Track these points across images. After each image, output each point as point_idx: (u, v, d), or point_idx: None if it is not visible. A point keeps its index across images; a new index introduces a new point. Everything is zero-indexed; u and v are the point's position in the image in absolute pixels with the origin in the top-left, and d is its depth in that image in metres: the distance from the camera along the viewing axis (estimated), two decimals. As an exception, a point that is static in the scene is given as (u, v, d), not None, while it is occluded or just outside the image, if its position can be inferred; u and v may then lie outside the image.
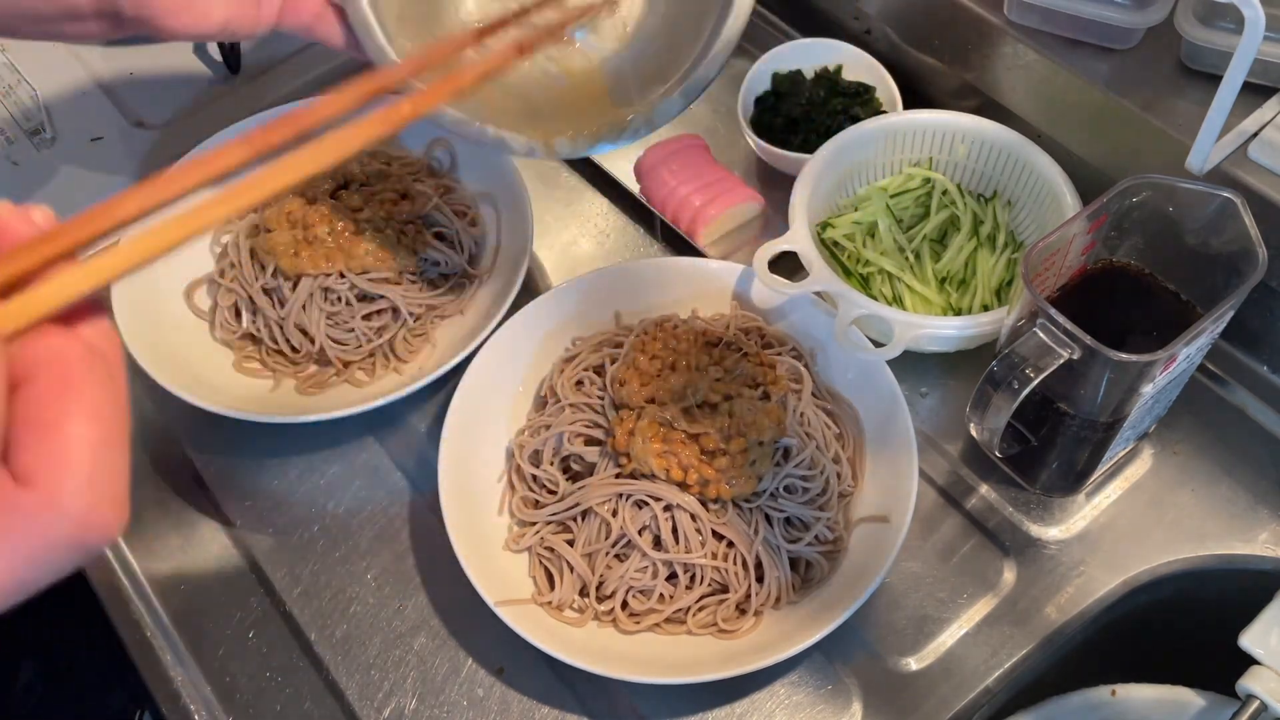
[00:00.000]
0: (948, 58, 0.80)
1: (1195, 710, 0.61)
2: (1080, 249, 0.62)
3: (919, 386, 0.74)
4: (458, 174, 0.84)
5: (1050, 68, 0.72)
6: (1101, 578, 0.65)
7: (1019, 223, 0.77)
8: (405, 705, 0.64)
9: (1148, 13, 0.68)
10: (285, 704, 0.64)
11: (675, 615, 0.64)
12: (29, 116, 0.91)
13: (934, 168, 0.79)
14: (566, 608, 0.64)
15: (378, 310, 0.75)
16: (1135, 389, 0.58)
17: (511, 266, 0.76)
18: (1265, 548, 0.66)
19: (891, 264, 0.75)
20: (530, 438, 0.69)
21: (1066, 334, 0.55)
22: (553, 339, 0.73)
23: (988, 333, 0.68)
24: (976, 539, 0.68)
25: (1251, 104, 0.64)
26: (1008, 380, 0.57)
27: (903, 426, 0.65)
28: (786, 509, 0.65)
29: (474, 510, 0.66)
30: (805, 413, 0.67)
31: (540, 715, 0.63)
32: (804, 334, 0.71)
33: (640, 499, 0.64)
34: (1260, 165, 0.64)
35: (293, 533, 0.71)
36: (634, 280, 0.74)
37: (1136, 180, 0.59)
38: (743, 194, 0.81)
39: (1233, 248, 0.58)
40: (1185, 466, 0.69)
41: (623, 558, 0.64)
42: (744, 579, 0.63)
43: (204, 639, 0.67)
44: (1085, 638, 0.66)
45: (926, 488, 0.70)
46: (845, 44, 0.85)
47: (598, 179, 0.87)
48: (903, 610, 0.65)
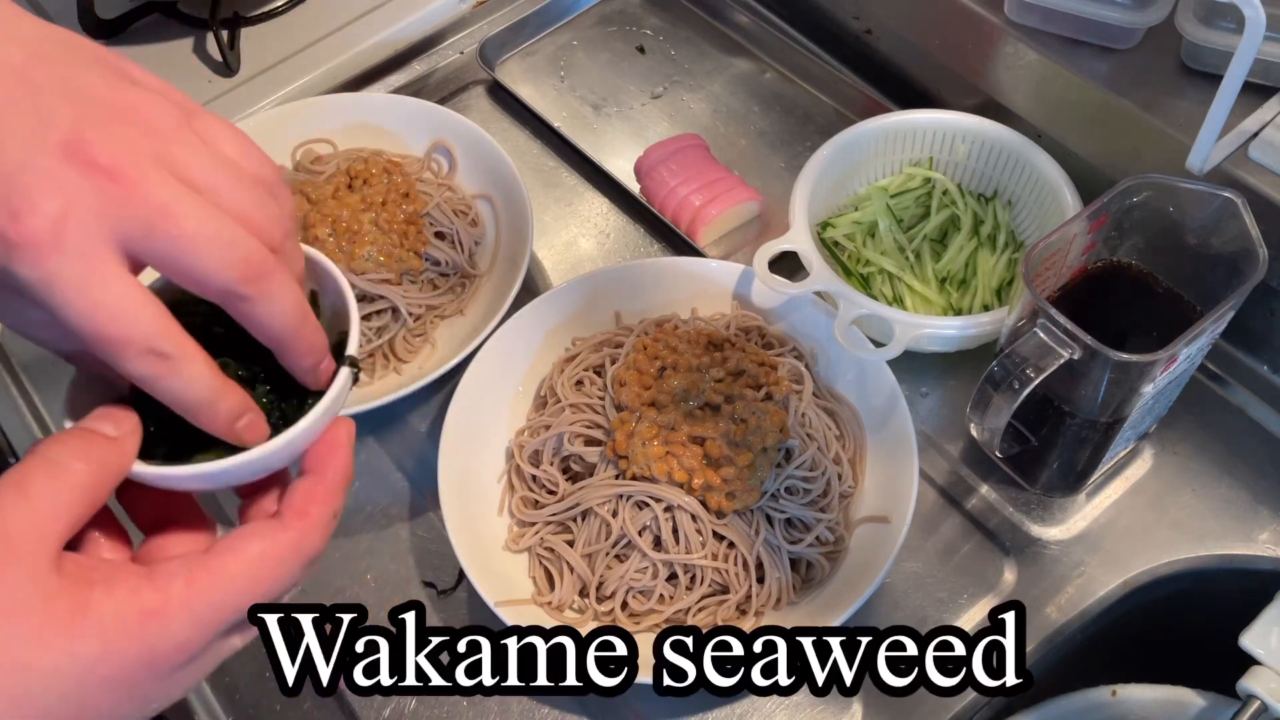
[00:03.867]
0: (948, 58, 0.80)
1: (1195, 710, 0.61)
2: (1080, 249, 0.62)
3: (919, 386, 0.73)
4: (458, 174, 0.84)
5: (1050, 68, 0.72)
6: (1101, 578, 0.65)
7: (1019, 223, 0.77)
8: (405, 705, 0.64)
9: (1148, 13, 0.68)
10: (285, 704, 0.64)
11: (675, 616, 0.64)
12: (29, 116, 0.90)
13: (934, 167, 0.79)
14: (566, 608, 0.64)
15: (378, 310, 0.75)
16: (1135, 389, 0.58)
17: (511, 266, 0.76)
18: (1265, 548, 0.66)
19: (892, 264, 0.75)
20: (530, 438, 0.69)
21: (1067, 334, 0.55)
22: (553, 339, 0.73)
23: (988, 333, 0.68)
24: (976, 539, 0.68)
25: (1251, 104, 0.64)
26: (1008, 380, 0.57)
27: (903, 426, 0.65)
28: (788, 510, 0.64)
29: (474, 510, 0.66)
30: (806, 413, 0.67)
31: (540, 715, 0.63)
32: (804, 334, 0.71)
33: (640, 500, 0.64)
34: (1260, 165, 0.64)
35: (293, 533, 0.70)
36: (634, 280, 0.74)
37: (1137, 180, 0.59)
38: (743, 194, 0.81)
39: (1233, 248, 0.58)
40: (1185, 466, 0.69)
41: (623, 558, 0.64)
42: (744, 580, 0.63)
43: (204, 639, 0.67)
44: (1085, 638, 0.66)
45: (926, 488, 0.70)
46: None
47: (598, 179, 0.87)
48: (903, 610, 0.65)
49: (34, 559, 0.34)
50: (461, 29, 0.98)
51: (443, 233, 0.79)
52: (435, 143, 0.84)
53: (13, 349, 0.80)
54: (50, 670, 0.34)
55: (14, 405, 0.78)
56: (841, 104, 0.90)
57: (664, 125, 0.90)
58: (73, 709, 0.34)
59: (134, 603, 0.35)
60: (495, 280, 0.79)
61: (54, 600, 0.34)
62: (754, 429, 0.63)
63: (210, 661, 0.38)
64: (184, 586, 0.36)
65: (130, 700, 0.36)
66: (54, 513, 0.35)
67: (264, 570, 0.38)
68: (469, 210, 0.82)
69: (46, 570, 0.34)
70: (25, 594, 0.34)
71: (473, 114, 0.91)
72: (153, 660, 0.35)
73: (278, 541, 0.38)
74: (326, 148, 0.84)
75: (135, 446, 0.39)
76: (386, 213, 0.76)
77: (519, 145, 0.90)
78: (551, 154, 0.89)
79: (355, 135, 0.85)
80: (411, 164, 0.83)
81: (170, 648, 0.36)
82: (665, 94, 0.92)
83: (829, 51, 0.92)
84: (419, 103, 0.85)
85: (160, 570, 0.36)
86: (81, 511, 0.36)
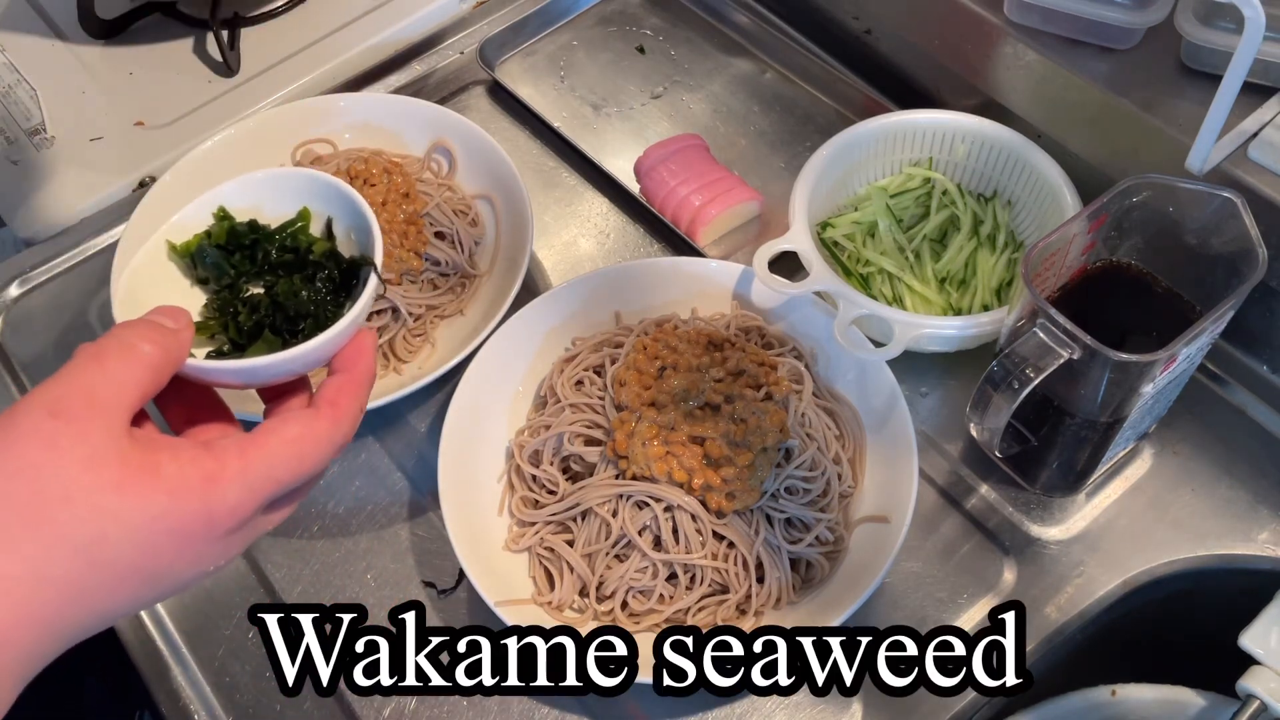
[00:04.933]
0: (948, 58, 0.80)
1: (1195, 710, 0.61)
2: (1080, 249, 0.62)
3: (919, 386, 0.74)
4: (458, 174, 0.84)
5: (1050, 68, 0.72)
6: (1101, 578, 0.65)
7: (1019, 223, 0.77)
8: (405, 705, 0.64)
9: (1148, 13, 0.68)
10: (285, 704, 0.64)
11: (675, 616, 0.64)
12: (29, 116, 0.91)
13: (934, 167, 0.79)
14: (566, 608, 0.64)
15: (378, 310, 0.75)
16: (1135, 389, 0.58)
17: (511, 266, 0.76)
18: (1265, 548, 0.66)
19: (891, 264, 0.75)
20: (530, 438, 0.69)
21: (1066, 334, 0.55)
22: (553, 339, 0.73)
23: (988, 333, 0.68)
24: (976, 539, 0.68)
25: (1251, 104, 0.64)
26: (1008, 380, 0.57)
27: (903, 426, 0.65)
28: (787, 510, 0.65)
29: (474, 510, 0.66)
30: (806, 413, 0.67)
31: (540, 715, 0.63)
32: (804, 334, 0.71)
33: (640, 499, 0.64)
34: (1260, 165, 0.64)
35: (293, 533, 0.71)
36: (634, 280, 0.74)
37: (1136, 180, 0.60)
38: (743, 194, 0.81)
39: (1233, 248, 0.58)
40: (1185, 466, 0.69)
41: (623, 558, 0.64)
42: (744, 579, 0.63)
43: (204, 639, 0.67)
44: (1085, 638, 0.66)
45: (926, 488, 0.70)
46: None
47: (598, 179, 0.87)
48: (903, 610, 0.65)
49: (111, 419, 0.38)
50: (461, 29, 0.98)
51: (443, 233, 0.79)
52: (435, 143, 0.84)
53: (13, 349, 0.81)
54: (124, 517, 0.38)
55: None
56: (841, 104, 0.90)
57: (664, 125, 0.90)
58: (140, 554, 0.38)
59: (197, 468, 0.40)
60: (495, 280, 0.79)
61: (129, 457, 0.38)
62: (754, 429, 0.63)
63: (252, 533, 0.43)
64: (237, 457, 0.41)
65: (188, 553, 0.40)
66: (128, 383, 0.40)
67: (303, 448, 0.43)
68: (469, 210, 0.82)
69: (122, 431, 0.39)
70: (105, 448, 0.38)
71: (473, 114, 0.91)
72: (210, 519, 0.40)
73: (314, 425, 0.43)
74: (326, 148, 0.84)
75: (190, 340, 0.44)
76: (387, 213, 0.76)
77: (519, 145, 0.90)
78: (551, 154, 0.89)
79: (355, 135, 0.85)
80: (411, 164, 0.83)
81: (226, 510, 0.40)
82: (665, 94, 0.92)
83: (829, 51, 0.92)
84: (419, 103, 0.85)
85: (216, 445, 0.41)
86: (148, 389, 0.41)
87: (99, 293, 0.82)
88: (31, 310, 0.83)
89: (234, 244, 0.51)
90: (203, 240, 0.51)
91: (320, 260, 0.51)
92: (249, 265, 0.51)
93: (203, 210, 0.51)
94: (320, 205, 0.52)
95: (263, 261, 0.51)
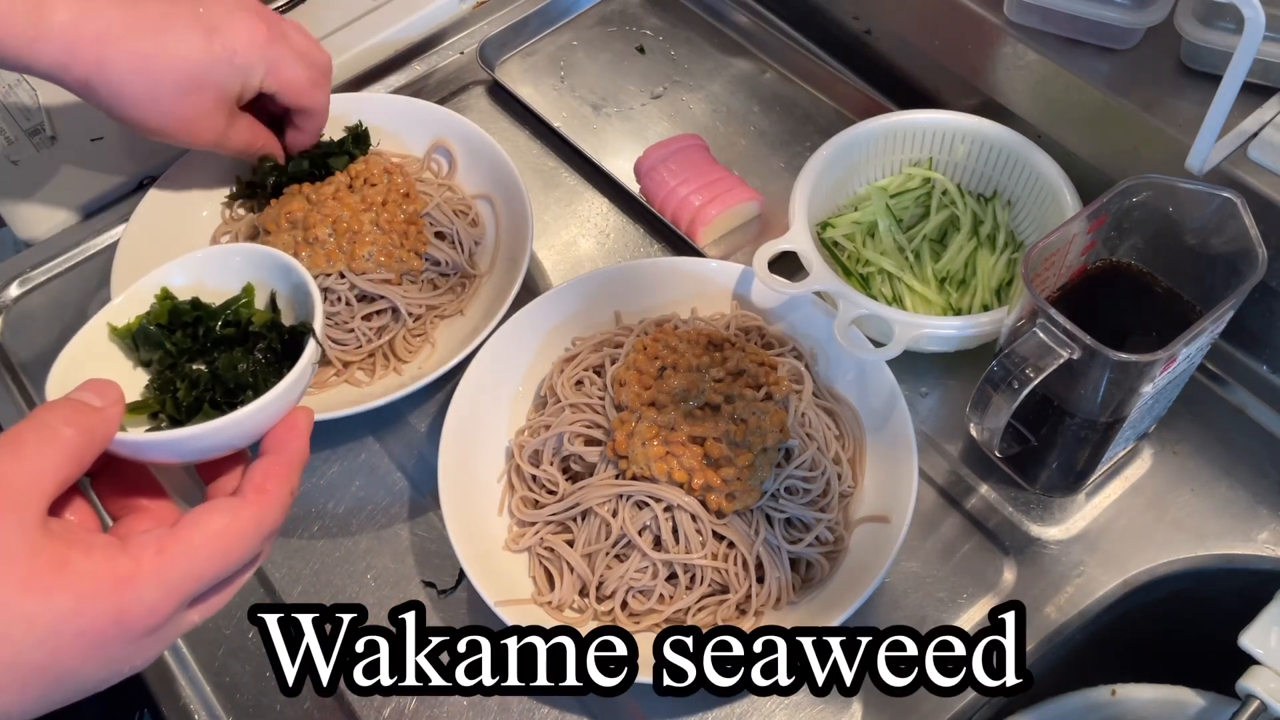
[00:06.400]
0: (948, 58, 0.80)
1: (1195, 710, 0.61)
2: (1080, 249, 0.62)
3: (919, 386, 0.74)
4: (458, 174, 0.84)
5: (1050, 68, 0.72)
6: (1101, 578, 0.65)
7: (1019, 223, 0.77)
8: (405, 705, 0.64)
9: (1148, 13, 0.68)
10: (285, 704, 0.64)
11: (675, 616, 0.64)
12: (29, 116, 0.91)
13: (934, 167, 0.79)
14: (566, 608, 0.64)
15: (378, 310, 0.75)
16: (1135, 389, 0.58)
17: (511, 266, 0.76)
18: (1265, 548, 0.66)
19: (891, 264, 0.75)
20: (530, 438, 0.69)
21: (1066, 334, 0.55)
22: (553, 339, 0.73)
23: (988, 333, 0.68)
24: (976, 539, 0.68)
25: (1251, 104, 0.64)
26: (1008, 380, 0.57)
27: (903, 426, 0.65)
28: (787, 510, 0.65)
29: (474, 510, 0.66)
30: (806, 413, 0.67)
31: (540, 715, 0.63)
32: (804, 334, 0.71)
33: (640, 499, 0.64)
34: (1260, 165, 0.64)
35: (293, 533, 0.71)
36: (634, 280, 0.74)
37: (1136, 180, 0.60)
38: (743, 194, 0.81)
39: (1233, 248, 0.58)
40: (1185, 466, 0.69)
41: (623, 558, 0.64)
42: (744, 579, 0.63)
43: (204, 639, 0.67)
44: (1085, 637, 0.66)
45: (926, 488, 0.70)
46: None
47: (598, 179, 0.87)
48: (903, 610, 0.65)
49: (24, 511, 0.37)
50: (461, 29, 0.98)
51: (443, 233, 0.79)
52: (435, 143, 0.84)
53: (13, 349, 0.81)
54: (28, 616, 0.36)
55: (14, 405, 0.78)
56: (841, 104, 0.90)
57: (664, 125, 0.90)
58: (45, 656, 0.36)
59: (109, 567, 0.38)
60: (495, 280, 0.79)
61: (39, 553, 0.36)
62: (754, 429, 0.63)
63: (173, 632, 0.41)
64: (154, 555, 0.39)
65: (99, 657, 0.38)
66: (44, 471, 0.38)
67: (227, 542, 0.41)
68: (469, 210, 0.82)
69: (35, 524, 0.37)
70: (14, 542, 0.36)
71: (473, 114, 0.91)
72: (123, 621, 0.38)
73: (239, 516, 0.41)
74: (326, 148, 0.84)
75: (118, 417, 0.42)
76: (387, 213, 0.76)
77: (519, 145, 0.90)
78: (551, 154, 0.89)
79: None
80: (411, 164, 0.83)
81: (140, 611, 0.38)
82: (665, 94, 0.92)
83: (829, 52, 0.92)
84: (419, 103, 0.85)
85: (133, 541, 0.39)
86: (69, 473, 0.39)
87: (99, 293, 0.82)
88: (31, 310, 0.83)
89: (175, 323, 0.50)
90: (143, 320, 0.50)
91: (260, 331, 0.50)
92: (191, 343, 0.50)
93: (144, 292, 0.50)
94: (263, 277, 0.51)
95: (205, 338, 0.50)
